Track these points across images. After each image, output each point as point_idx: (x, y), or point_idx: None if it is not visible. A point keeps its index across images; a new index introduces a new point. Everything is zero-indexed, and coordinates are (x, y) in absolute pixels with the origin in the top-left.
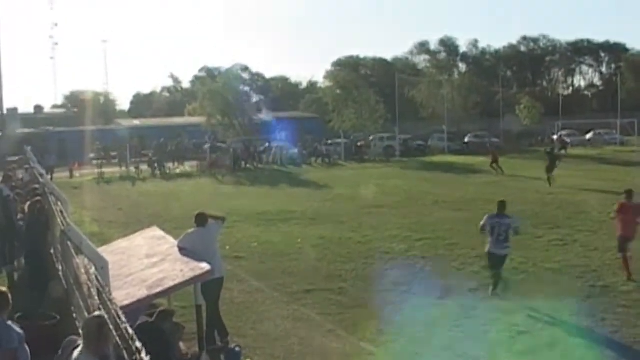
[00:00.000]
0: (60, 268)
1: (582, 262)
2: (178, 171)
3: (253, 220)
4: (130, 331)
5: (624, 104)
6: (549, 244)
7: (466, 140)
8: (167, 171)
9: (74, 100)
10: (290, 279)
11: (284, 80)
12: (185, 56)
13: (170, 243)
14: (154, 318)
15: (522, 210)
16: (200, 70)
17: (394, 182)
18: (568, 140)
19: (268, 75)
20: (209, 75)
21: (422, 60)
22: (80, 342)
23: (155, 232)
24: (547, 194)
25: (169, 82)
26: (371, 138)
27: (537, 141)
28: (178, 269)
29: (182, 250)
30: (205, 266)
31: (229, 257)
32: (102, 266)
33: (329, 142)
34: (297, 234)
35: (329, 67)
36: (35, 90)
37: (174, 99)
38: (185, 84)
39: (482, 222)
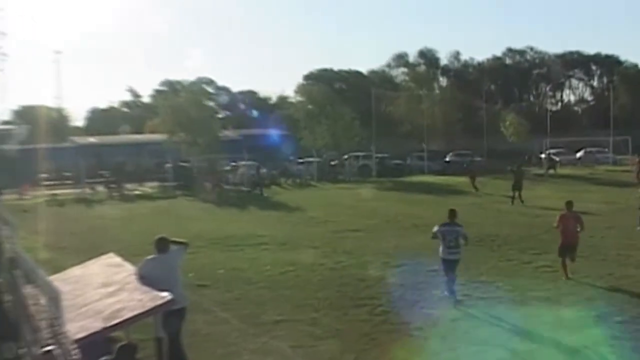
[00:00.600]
0: (6, 299)
1: (573, 290)
2: (137, 192)
3: (219, 245)
4: None
5: (617, 120)
6: (537, 271)
7: (447, 159)
8: (126, 192)
9: (24, 115)
10: (259, 309)
11: (251, 94)
12: (145, 69)
13: (128, 271)
14: (114, 355)
15: (507, 235)
16: (161, 84)
17: (370, 204)
18: (557, 158)
19: (235, 89)
20: (171, 89)
21: (400, 73)
22: None
23: (112, 259)
24: (534, 216)
25: (128, 97)
26: (345, 157)
27: (524, 160)
28: (137, 299)
29: (142, 278)
30: (166, 295)
31: (192, 286)
32: (54, 296)
33: (301, 161)
34: (267, 259)
35: (300, 80)
36: None
37: (134, 115)
38: (146, 99)
39: (433, 230)
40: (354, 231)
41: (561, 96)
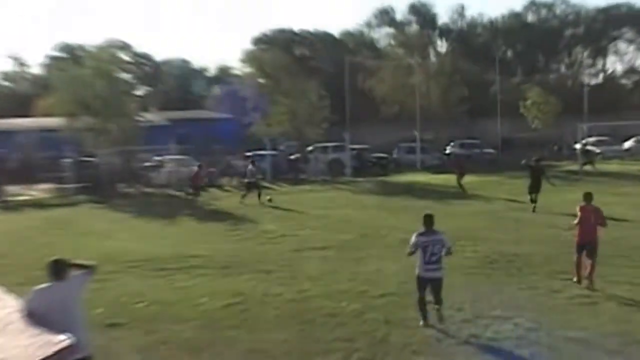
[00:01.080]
0: None
1: (619, 328)
2: (24, 198)
3: (138, 269)
4: None
5: None
6: (571, 303)
7: (448, 151)
8: (7, 198)
9: None
10: (192, 357)
11: (182, 64)
12: (34, 28)
13: (10, 306)
14: None
15: (530, 254)
16: (56, 49)
17: (343, 213)
18: (596, 150)
19: (159, 57)
20: (70, 56)
21: (383, 35)
22: None
23: None
24: (564, 229)
25: (10, 66)
26: (310, 149)
27: (552, 151)
28: (23, 345)
29: (30, 316)
30: (63, 339)
31: (101, 325)
32: None
33: (249, 154)
34: (203, 289)
35: (248, 45)
36: None
37: (18, 91)
38: (35, 69)
39: (411, 242)
40: (322, 249)
41: (604, 65)
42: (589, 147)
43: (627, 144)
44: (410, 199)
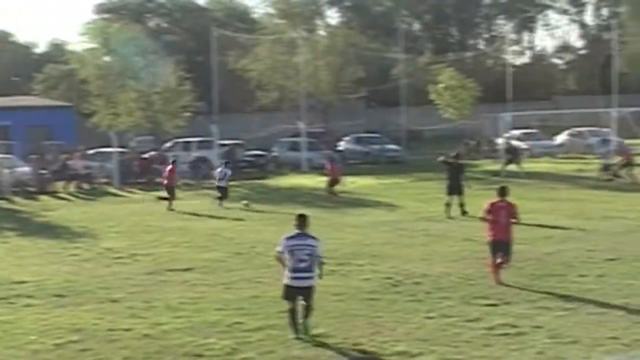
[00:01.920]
0: None
1: None
2: None
3: None
4: None
5: (625, 80)
6: (492, 334)
7: (341, 147)
8: None
9: None
10: None
11: (2, 38)
12: None
13: None
14: None
15: (442, 275)
16: None
17: (211, 225)
18: (523, 146)
19: None
20: None
21: (260, 3)
22: None
23: None
24: (483, 242)
25: None
26: (169, 145)
27: (469, 147)
28: None
29: None
30: None
31: None
32: None
33: (92, 152)
34: (31, 324)
35: (89, 15)
36: None
37: None
38: None
39: (278, 248)
40: (184, 271)
41: (531, 41)
42: (513, 143)
43: (560, 139)
44: (294, 207)
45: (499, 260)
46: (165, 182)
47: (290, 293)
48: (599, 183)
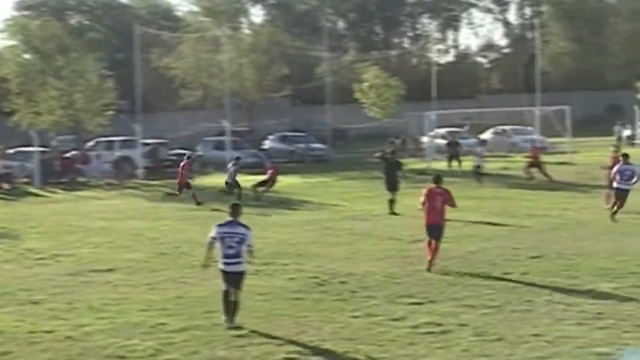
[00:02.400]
0: None
1: None
2: None
3: None
4: None
5: (549, 79)
6: (416, 332)
7: (266, 145)
8: None
9: None
10: None
11: None
12: None
13: None
14: None
15: (367, 274)
16: None
17: (134, 225)
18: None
19: None
20: None
21: (183, 1)
22: None
23: None
24: (408, 241)
25: None
26: (91, 144)
27: (395, 146)
28: None
29: None
30: None
31: None
32: None
33: (13, 151)
34: None
35: (9, 13)
36: None
37: None
38: None
39: (211, 234)
40: (106, 272)
41: (456, 40)
42: (457, 140)
43: (485, 137)
44: (218, 207)
45: (430, 254)
46: (179, 178)
47: (224, 277)
48: (525, 182)
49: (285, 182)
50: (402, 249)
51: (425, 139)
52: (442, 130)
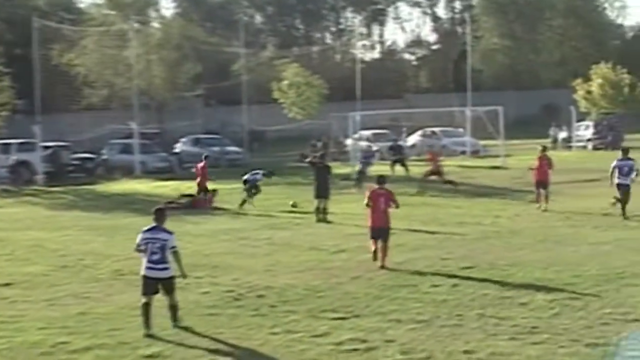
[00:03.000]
0: None
1: None
2: None
3: None
4: None
5: (480, 77)
6: (340, 350)
7: (177, 149)
8: None
9: None
10: None
11: None
12: None
13: None
14: None
15: (287, 287)
16: None
17: (33, 235)
18: (374, 147)
19: None
20: None
21: None
22: None
23: None
24: (332, 252)
25: None
26: None
27: (317, 149)
28: None
29: None
30: None
31: None
32: None
33: None
34: None
35: None
36: None
37: None
38: None
39: (137, 241)
40: (3, 287)
41: (381, 35)
42: (400, 143)
43: (413, 139)
44: (126, 216)
45: (381, 257)
46: (198, 180)
47: (147, 284)
48: (455, 188)
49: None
50: (324, 260)
51: (349, 142)
52: (367, 132)
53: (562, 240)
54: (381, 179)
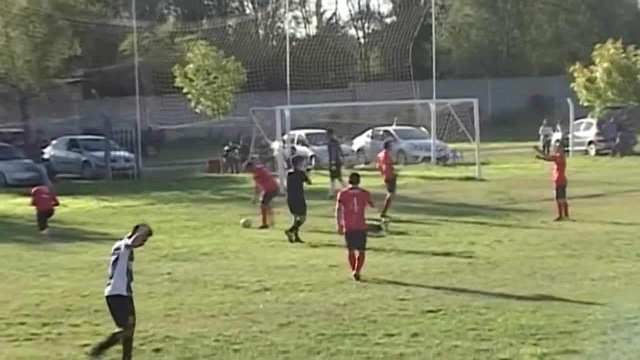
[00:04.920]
0: None
1: None
2: None
3: None
4: None
5: (448, 60)
6: None
7: (47, 154)
8: None
9: None
10: None
11: None
12: None
13: None
14: None
15: (193, 336)
16: None
17: None
18: (309, 152)
19: None
20: None
21: None
22: None
23: None
24: (254, 290)
25: None
26: None
27: (232, 155)
28: None
29: None
30: None
31: None
32: None
33: None
34: None
35: None
36: None
37: None
38: None
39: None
40: None
41: (319, 5)
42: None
43: (359, 142)
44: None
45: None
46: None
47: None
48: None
49: (75, 207)
50: (243, 302)
51: (275, 145)
52: (301, 133)
53: (557, 275)
54: (354, 178)
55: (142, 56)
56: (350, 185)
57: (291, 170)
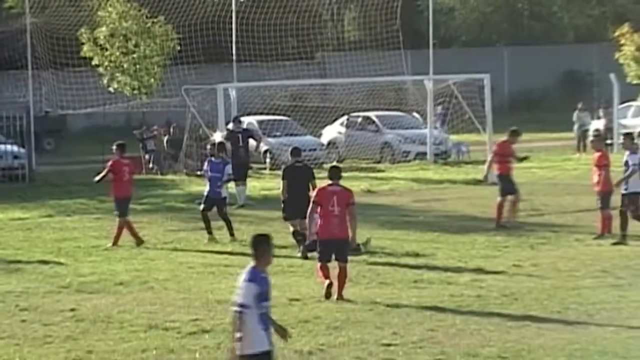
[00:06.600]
0: None
1: None
2: None
3: None
4: None
5: (451, 24)
6: None
7: None
8: None
9: None
10: None
11: None
12: None
13: None
14: None
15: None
16: None
17: None
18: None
19: None
20: None
21: None
22: None
23: None
24: (187, 333)
25: None
26: None
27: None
28: None
29: None
30: None
31: None
32: None
33: None
34: None
35: None
36: None
37: None
38: None
39: None
40: None
41: None
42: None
43: (330, 132)
44: None
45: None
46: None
47: None
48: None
49: None
50: (173, 349)
51: (217, 136)
52: (252, 120)
53: (596, 312)
54: (334, 171)
55: (36, 16)
56: (329, 182)
57: (298, 163)
